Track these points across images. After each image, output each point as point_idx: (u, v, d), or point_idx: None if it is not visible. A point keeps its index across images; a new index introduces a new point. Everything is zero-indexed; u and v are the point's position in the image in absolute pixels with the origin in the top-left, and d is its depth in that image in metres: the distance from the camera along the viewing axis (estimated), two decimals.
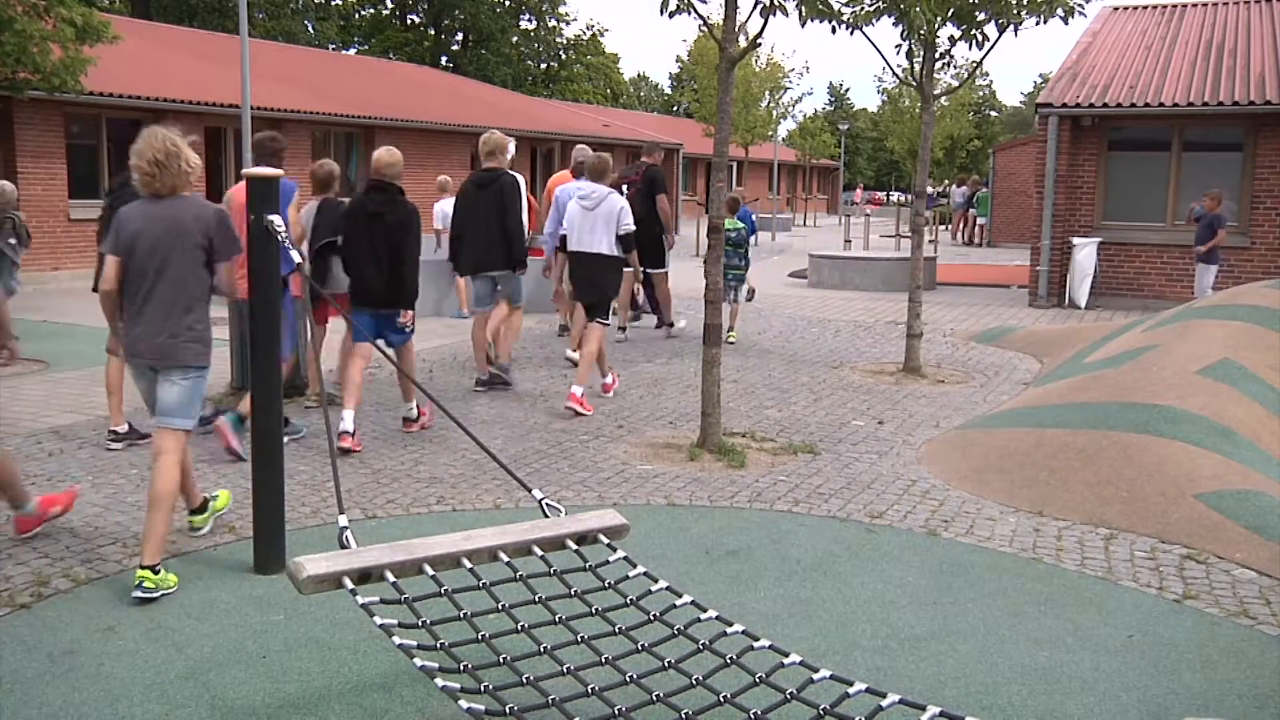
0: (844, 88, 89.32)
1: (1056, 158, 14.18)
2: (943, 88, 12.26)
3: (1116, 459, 5.81)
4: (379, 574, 3.24)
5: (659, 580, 3.51)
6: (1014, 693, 3.58)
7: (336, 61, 30.85)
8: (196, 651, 3.78)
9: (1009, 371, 9.58)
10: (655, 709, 2.93)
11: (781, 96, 35.01)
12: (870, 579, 4.59)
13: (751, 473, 6.19)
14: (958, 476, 6.16)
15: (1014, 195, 27.62)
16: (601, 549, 3.69)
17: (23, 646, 3.80)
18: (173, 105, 16.83)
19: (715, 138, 6.67)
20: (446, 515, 5.33)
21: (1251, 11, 16.76)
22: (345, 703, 3.45)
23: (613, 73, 62.79)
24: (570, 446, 6.71)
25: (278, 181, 4.49)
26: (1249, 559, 4.84)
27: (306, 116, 19.48)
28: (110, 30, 11.76)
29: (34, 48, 10.94)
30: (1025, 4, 8.52)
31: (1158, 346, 7.33)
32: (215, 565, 4.61)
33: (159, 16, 34.79)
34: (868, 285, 15.99)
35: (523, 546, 3.54)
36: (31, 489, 5.58)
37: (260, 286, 4.46)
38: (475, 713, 2.75)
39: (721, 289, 6.76)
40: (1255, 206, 13.55)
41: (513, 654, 3.08)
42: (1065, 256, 14.27)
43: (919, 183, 9.75)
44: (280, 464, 4.56)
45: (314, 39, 43.54)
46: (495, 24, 49.86)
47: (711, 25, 7.41)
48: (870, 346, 10.79)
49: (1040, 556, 4.91)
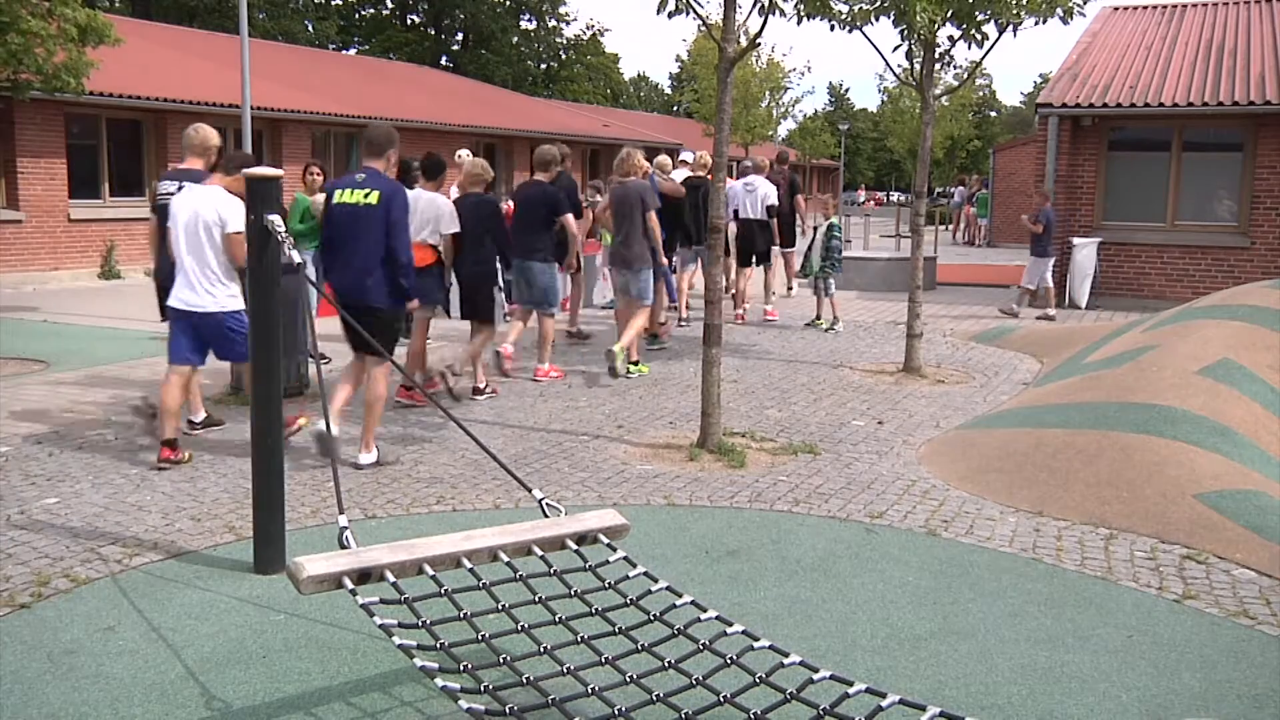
0: (844, 88, 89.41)
1: (1056, 158, 14.18)
2: (943, 88, 12.25)
3: (1116, 459, 5.81)
4: (379, 574, 3.24)
5: (659, 580, 3.51)
6: (1014, 693, 3.58)
7: (336, 61, 30.87)
8: (196, 651, 3.78)
9: (1009, 371, 9.58)
10: (655, 709, 2.93)
11: (781, 96, 35.00)
12: (870, 579, 4.59)
13: (751, 473, 6.19)
14: (958, 476, 6.16)
15: (1014, 195, 27.63)
16: (601, 549, 3.69)
17: (23, 646, 3.80)
18: (173, 105, 16.84)
19: (715, 138, 6.67)
20: (446, 515, 5.33)
21: (1251, 11, 16.77)
22: (345, 703, 3.45)
23: (613, 73, 62.81)
24: (570, 446, 6.71)
25: (278, 181, 4.48)
26: (1249, 559, 4.84)
27: (306, 116, 19.48)
28: (113, 32, 11.75)
29: (38, 49, 10.93)
30: (1025, 4, 8.52)
31: (1157, 346, 7.33)
32: (215, 565, 4.61)
33: (159, 17, 34.80)
34: (867, 285, 15.98)
35: (523, 546, 3.54)
36: (31, 490, 5.60)
37: (260, 287, 4.46)
38: (475, 713, 2.75)
39: (722, 289, 6.77)
40: (1255, 206, 13.55)
41: (513, 654, 3.08)
42: (1065, 256, 14.28)
43: (919, 183, 9.75)
44: (280, 464, 4.56)
45: (314, 39, 43.55)
46: (495, 24, 49.90)
47: (711, 25, 7.42)
48: (870, 346, 10.79)
49: (1040, 556, 4.91)
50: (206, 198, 6.10)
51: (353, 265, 5.96)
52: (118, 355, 9.53)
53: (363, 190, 5.97)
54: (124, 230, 16.58)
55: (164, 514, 5.25)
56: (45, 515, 5.20)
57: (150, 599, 4.23)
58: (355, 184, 6.04)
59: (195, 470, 5.99)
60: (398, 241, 5.96)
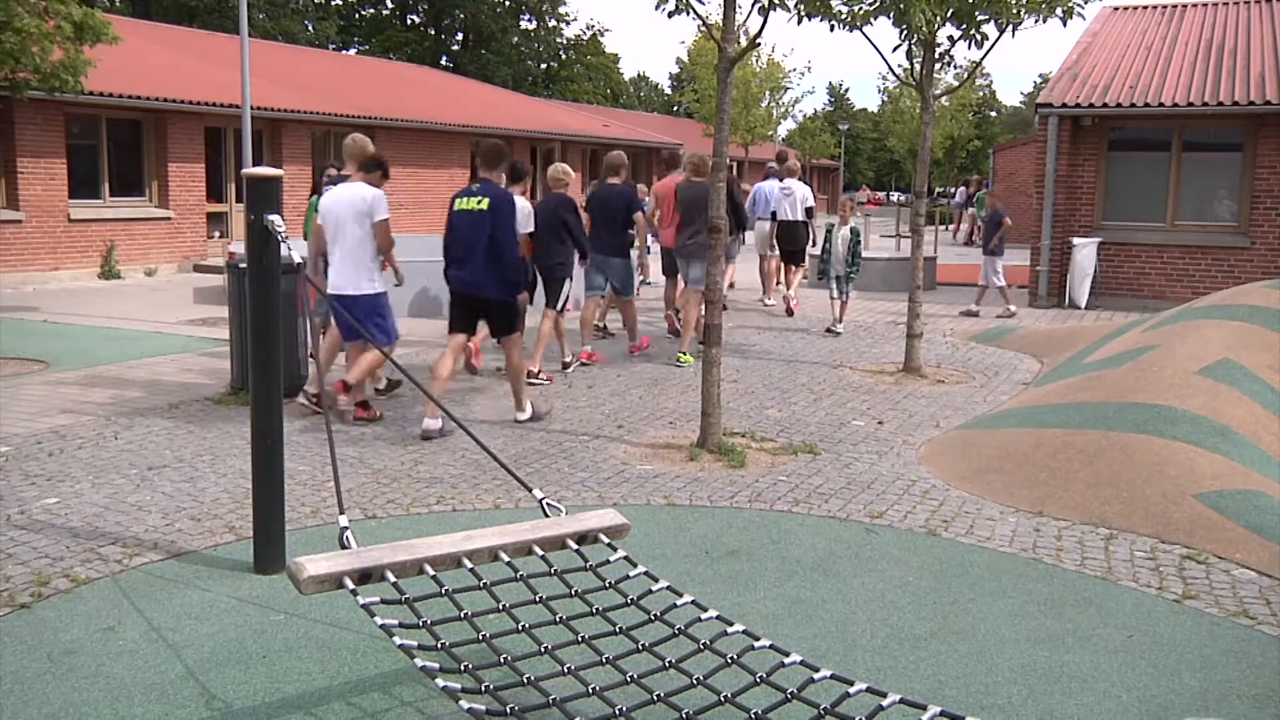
0: (844, 88, 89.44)
1: (1056, 158, 14.18)
2: (943, 88, 12.25)
3: (1116, 459, 5.81)
4: (379, 574, 3.24)
5: (659, 580, 3.51)
6: (1014, 693, 3.58)
7: (336, 61, 30.87)
8: (196, 651, 3.78)
9: (1009, 371, 9.59)
10: (655, 709, 2.93)
11: (781, 96, 34.99)
12: (870, 579, 4.59)
13: (751, 473, 6.19)
14: (958, 476, 6.16)
15: (1014, 195, 27.62)
16: (602, 549, 3.69)
17: (23, 646, 3.80)
18: (173, 105, 16.84)
19: (715, 138, 6.67)
20: (446, 515, 5.33)
21: (1251, 11, 16.77)
22: (345, 703, 3.45)
23: (613, 73, 62.82)
24: (570, 446, 6.71)
25: (278, 181, 4.48)
26: (1249, 559, 4.84)
27: (306, 116, 19.48)
28: (111, 30, 11.73)
29: (34, 47, 10.92)
30: (1025, 4, 8.52)
31: (1157, 346, 7.33)
32: (215, 565, 4.61)
33: (159, 16, 34.82)
34: (867, 285, 15.96)
35: (523, 546, 3.54)
36: (31, 490, 5.60)
37: (260, 286, 4.46)
38: (475, 713, 2.75)
39: (723, 289, 6.77)
40: (1255, 206, 13.55)
41: (513, 654, 3.08)
42: (1065, 256, 14.28)
43: (919, 183, 9.76)
44: (280, 464, 4.56)
45: (314, 39, 43.55)
46: (495, 24, 49.91)
47: (711, 25, 7.42)
48: (870, 346, 10.79)
49: (1040, 556, 4.91)
50: (353, 193, 7.01)
51: (469, 262, 6.90)
52: (118, 355, 9.53)
53: (476, 198, 6.93)
54: (124, 230, 16.58)
55: (164, 514, 5.25)
56: (45, 515, 5.20)
57: (150, 599, 4.23)
58: (471, 193, 7.00)
59: (195, 470, 5.99)
60: (506, 241, 6.86)
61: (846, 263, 11.47)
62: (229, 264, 8.67)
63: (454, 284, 7.08)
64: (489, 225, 6.82)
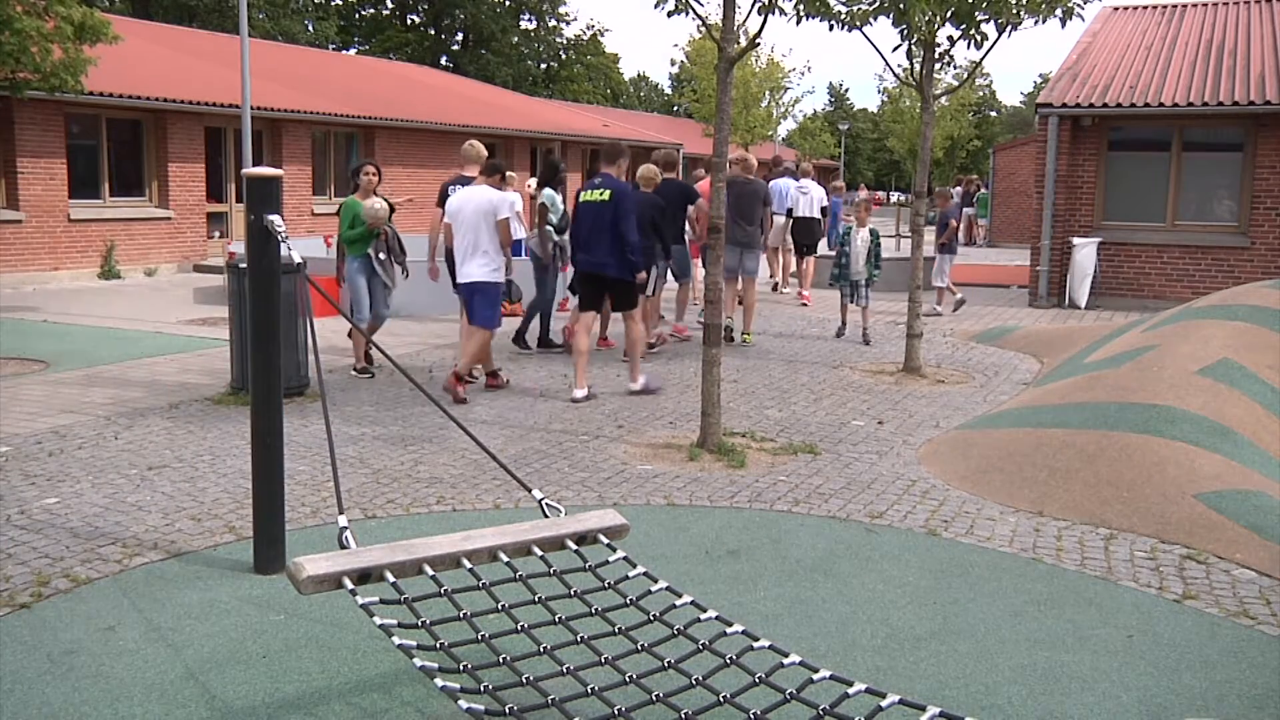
0: (844, 88, 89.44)
1: (1056, 158, 14.18)
2: (943, 88, 12.25)
3: (1116, 459, 5.81)
4: (379, 574, 3.24)
5: (659, 580, 3.51)
6: (1014, 693, 3.58)
7: (336, 61, 30.85)
8: (196, 651, 3.78)
9: (1009, 371, 9.59)
10: (655, 709, 2.93)
11: (781, 96, 34.97)
12: (870, 579, 4.59)
13: (751, 473, 6.19)
14: (958, 476, 6.16)
15: (1014, 195, 27.64)
16: (601, 549, 3.69)
17: (23, 646, 3.80)
18: (173, 105, 16.84)
19: (715, 138, 6.67)
20: (446, 515, 5.33)
21: (1251, 11, 16.77)
22: (345, 703, 3.45)
23: (613, 73, 62.82)
24: (570, 446, 6.72)
25: (278, 181, 4.48)
26: (1249, 559, 4.84)
27: (306, 116, 19.47)
28: (110, 30, 11.73)
29: (34, 47, 10.92)
30: (1025, 4, 8.52)
31: (1157, 346, 7.33)
32: (215, 565, 4.61)
33: (159, 16, 34.81)
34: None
35: (522, 547, 3.54)
36: (31, 490, 5.60)
37: (260, 286, 4.46)
38: (475, 713, 2.75)
39: (723, 289, 6.77)
40: (1255, 206, 13.55)
41: (512, 654, 3.08)
42: (1065, 256, 14.28)
43: (919, 183, 9.75)
44: (280, 464, 4.56)
45: (314, 39, 43.55)
46: (495, 24, 49.90)
47: (710, 25, 7.42)
48: (870, 347, 10.79)
49: (1040, 556, 4.91)
50: (480, 194, 7.88)
51: (595, 246, 7.91)
52: (118, 355, 9.53)
53: (599, 190, 7.93)
54: (124, 230, 16.58)
55: (164, 514, 5.25)
56: (45, 515, 5.20)
57: (150, 599, 4.23)
58: (594, 186, 8.02)
59: (195, 470, 5.99)
60: (626, 227, 7.81)
61: (869, 265, 10.96)
62: (229, 264, 8.67)
63: (581, 265, 8.04)
64: (611, 214, 7.77)
